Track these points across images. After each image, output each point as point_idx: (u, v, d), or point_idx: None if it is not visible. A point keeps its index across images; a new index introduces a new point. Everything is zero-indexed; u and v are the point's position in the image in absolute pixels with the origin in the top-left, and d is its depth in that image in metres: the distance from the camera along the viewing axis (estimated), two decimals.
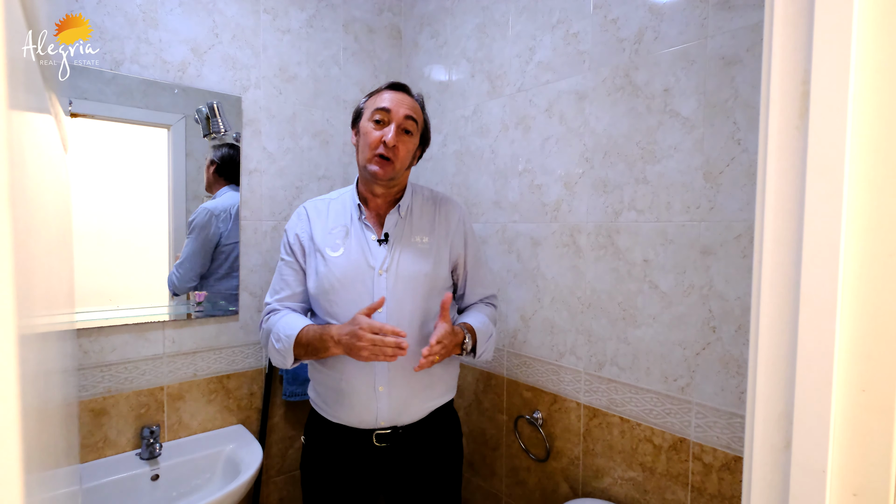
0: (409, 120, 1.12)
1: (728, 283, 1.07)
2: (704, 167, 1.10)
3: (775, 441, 0.47)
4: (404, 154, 1.13)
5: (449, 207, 1.25)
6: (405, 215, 1.19)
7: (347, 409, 1.12)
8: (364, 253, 1.14)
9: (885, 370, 0.41)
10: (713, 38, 1.07)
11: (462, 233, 1.24)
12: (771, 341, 0.47)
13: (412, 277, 1.13)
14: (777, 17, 0.46)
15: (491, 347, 1.22)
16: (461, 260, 1.24)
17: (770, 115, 0.47)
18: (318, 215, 1.21)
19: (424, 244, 1.18)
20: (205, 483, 1.40)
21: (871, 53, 0.41)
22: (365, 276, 1.12)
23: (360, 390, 1.11)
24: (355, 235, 1.16)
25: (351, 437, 1.14)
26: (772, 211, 0.46)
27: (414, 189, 1.25)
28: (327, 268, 1.13)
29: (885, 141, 0.41)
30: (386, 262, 1.13)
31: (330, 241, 1.16)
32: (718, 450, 1.10)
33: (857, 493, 0.43)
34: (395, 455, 1.15)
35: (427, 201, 1.24)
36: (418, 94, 1.20)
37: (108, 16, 1.33)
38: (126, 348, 1.40)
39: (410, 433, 1.15)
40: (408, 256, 1.15)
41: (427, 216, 1.21)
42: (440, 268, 1.18)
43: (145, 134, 1.43)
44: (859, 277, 0.42)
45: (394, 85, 1.16)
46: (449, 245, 1.21)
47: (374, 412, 1.11)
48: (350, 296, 1.11)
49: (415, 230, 1.18)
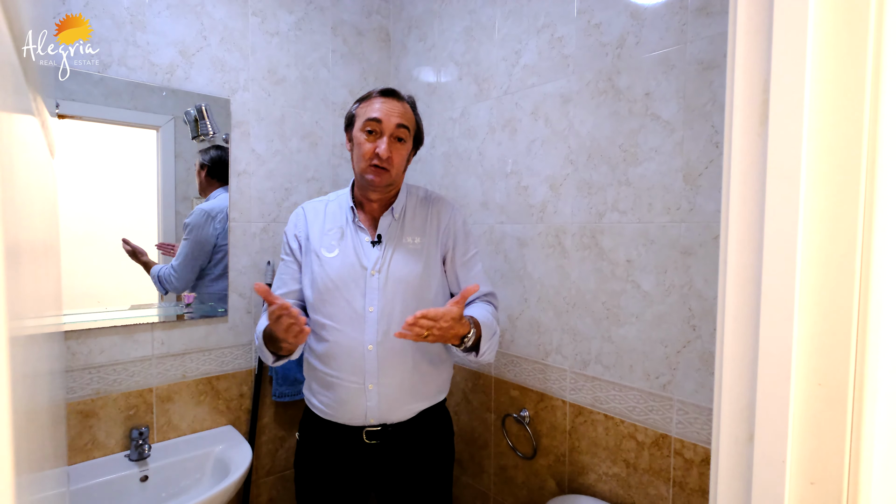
0: (400, 128, 1.14)
1: (707, 283, 1.10)
2: (684, 169, 1.13)
3: (739, 434, 0.50)
4: (399, 161, 1.15)
5: (440, 207, 1.26)
6: (398, 217, 1.21)
7: (338, 406, 1.14)
8: (358, 254, 1.16)
9: (839, 366, 0.44)
10: (692, 43, 1.10)
11: (452, 231, 1.24)
12: (735, 339, 0.50)
13: (403, 278, 1.15)
14: (739, 29, 0.48)
15: (494, 347, 1.17)
16: (448, 255, 1.24)
17: (734, 122, 0.49)
18: (316, 216, 1.23)
19: (416, 244, 1.19)
20: (194, 484, 1.40)
21: (824, 65, 0.43)
22: (358, 276, 1.14)
23: (349, 387, 1.12)
24: (350, 237, 1.18)
25: (342, 434, 1.16)
26: (735, 214, 0.49)
27: (409, 190, 1.27)
28: (322, 268, 1.16)
29: (838, 147, 0.43)
30: (378, 262, 1.15)
31: (326, 243, 1.19)
32: (699, 445, 1.12)
33: (815, 482, 0.45)
34: (385, 452, 1.16)
35: (420, 202, 1.26)
36: (409, 97, 1.21)
37: (96, 18, 1.33)
38: (114, 350, 1.40)
39: (401, 431, 1.16)
40: (399, 257, 1.17)
41: (419, 217, 1.23)
42: (431, 267, 1.20)
43: (134, 135, 1.44)
44: (815, 277, 0.44)
45: (384, 91, 1.17)
46: (440, 245, 1.22)
47: (364, 410, 1.13)
48: (344, 295, 1.14)
49: (406, 231, 1.20)
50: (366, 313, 1.13)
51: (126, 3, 1.38)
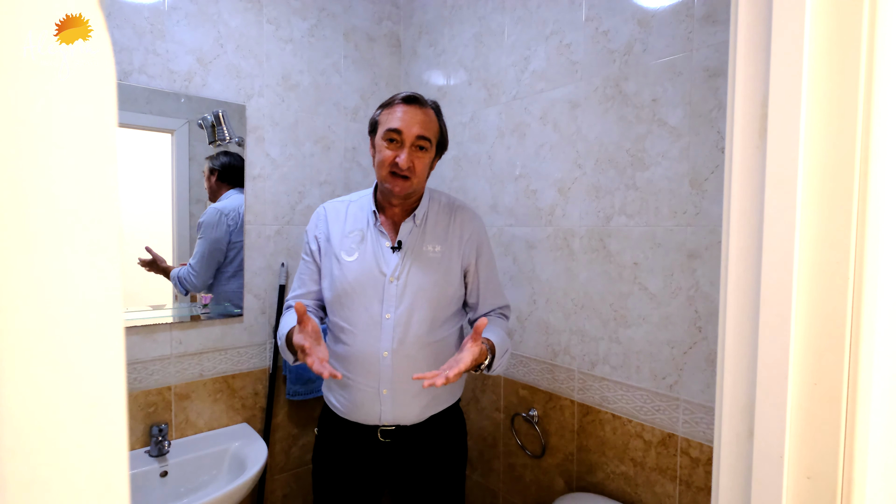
0: (421, 139, 1.12)
1: (713, 285, 1.12)
2: (690, 174, 1.15)
3: (740, 431, 0.52)
4: (420, 169, 1.14)
5: (464, 216, 1.24)
6: (420, 223, 1.20)
7: (353, 407, 1.16)
8: (377, 259, 1.16)
9: (834, 365, 0.46)
10: (698, 50, 1.12)
11: (475, 242, 1.23)
12: (735, 341, 0.52)
13: (421, 286, 1.15)
14: (739, 46, 0.51)
15: (504, 363, 1.18)
16: (472, 268, 1.23)
17: (734, 135, 0.51)
18: (337, 217, 1.23)
19: (436, 253, 1.18)
20: (212, 479, 1.45)
21: (820, 81, 0.45)
22: (376, 282, 1.14)
23: (364, 391, 1.14)
24: (370, 241, 1.18)
25: (357, 432, 1.18)
26: (735, 222, 0.51)
27: (431, 196, 1.25)
28: (341, 272, 1.16)
29: (833, 159, 0.45)
30: (397, 269, 1.15)
31: (346, 246, 1.19)
32: (705, 444, 1.14)
33: (811, 477, 0.48)
34: (399, 451, 1.18)
35: (443, 209, 1.24)
36: (433, 102, 1.19)
37: (118, 28, 1.37)
38: (135, 349, 1.44)
39: (414, 431, 1.18)
40: (419, 265, 1.16)
41: (441, 225, 1.22)
42: (451, 277, 1.19)
43: (149, 139, 1.48)
44: (811, 282, 0.46)
45: (407, 98, 1.14)
46: (461, 254, 1.21)
47: (378, 412, 1.15)
48: (361, 301, 1.14)
49: (427, 239, 1.19)
50: (382, 320, 1.13)
51: (146, 13, 1.42)
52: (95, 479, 0.31)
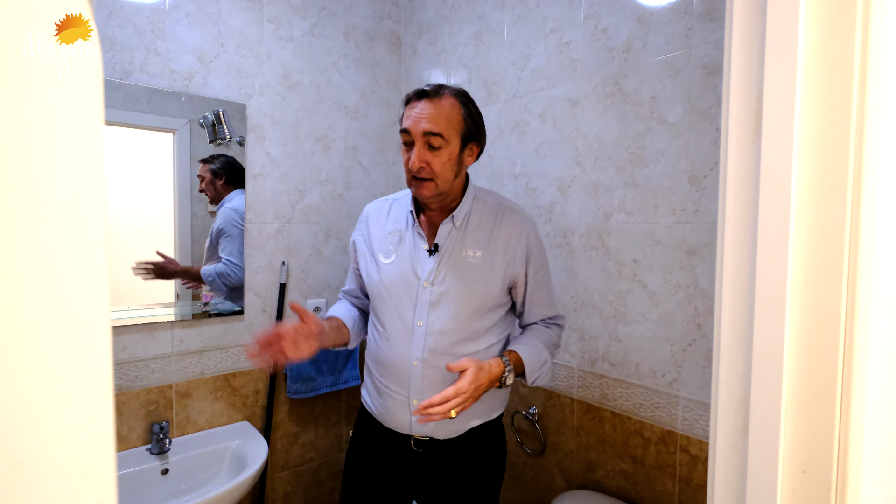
0: (430, 136, 1.01)
1: (712, 283, 1.12)
2: (689, 171, 1.15)
3: (735, 425, 0.53)
4: (440, 168, 1.03)
5: (512, 219, 1.12)
6: (460, 225, 1.10)
7: (385, 413, 1.12)
8: (413, 263, 1.09)
9: (828, 360, 0.46)
10: (697, 48, 1.12)
11: (524, 248, 1.10)
12: (731, 336, 0.52)
13: (456, 294, 1.06)
14: (734, 41, 0.51)
15: (546, 373, 1.11)
16: (521, 279, 1.11)
17: (729, 130, 0.52)
18: (378, 217, 1.20)
19: (476, 259, 1.08)
20: (213, 477, 1.45)
21: (814, 78, 0.46)
22: (410, 286, 1.08)
23: (395, 398, 1.09)
24: (408, 243, 1.12)
25: (391, 438, 1.13)
26: (730, 218, 0.51)
27: (476, 195, 1.15)
28: (378, 274, 1.13)
29: (826, 155, 0.46)
30: (432, 274, 1.07)
31: (384, 247, 1.14)
32: (704, 442, 1.15)
33: (806, 471, 0.48)
34: (430, 462, 1.12)
35: (489, 210, 1.13)
36: (454, 89, 1.06)
37: (119, 28, 1.38)
38: (136, 347, 1.45)
39: (449, 445, 1.10)
40: (455, 271, 1.07)
41: (485, 227, 1.11)
42: (491, 286, 1.08)
43: (151, 138, 1.49)
44: (805, 278, 0.47)
45: (418, 93, 1.05)
46: (506, 261, 1.09)
47: (409, 422, 1.09)
48: (395, 305, 1.09)
49: (468, 243, 1.09)
50: (414, 327, 1.07)
51: (147, 12, 1.43)
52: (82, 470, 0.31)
